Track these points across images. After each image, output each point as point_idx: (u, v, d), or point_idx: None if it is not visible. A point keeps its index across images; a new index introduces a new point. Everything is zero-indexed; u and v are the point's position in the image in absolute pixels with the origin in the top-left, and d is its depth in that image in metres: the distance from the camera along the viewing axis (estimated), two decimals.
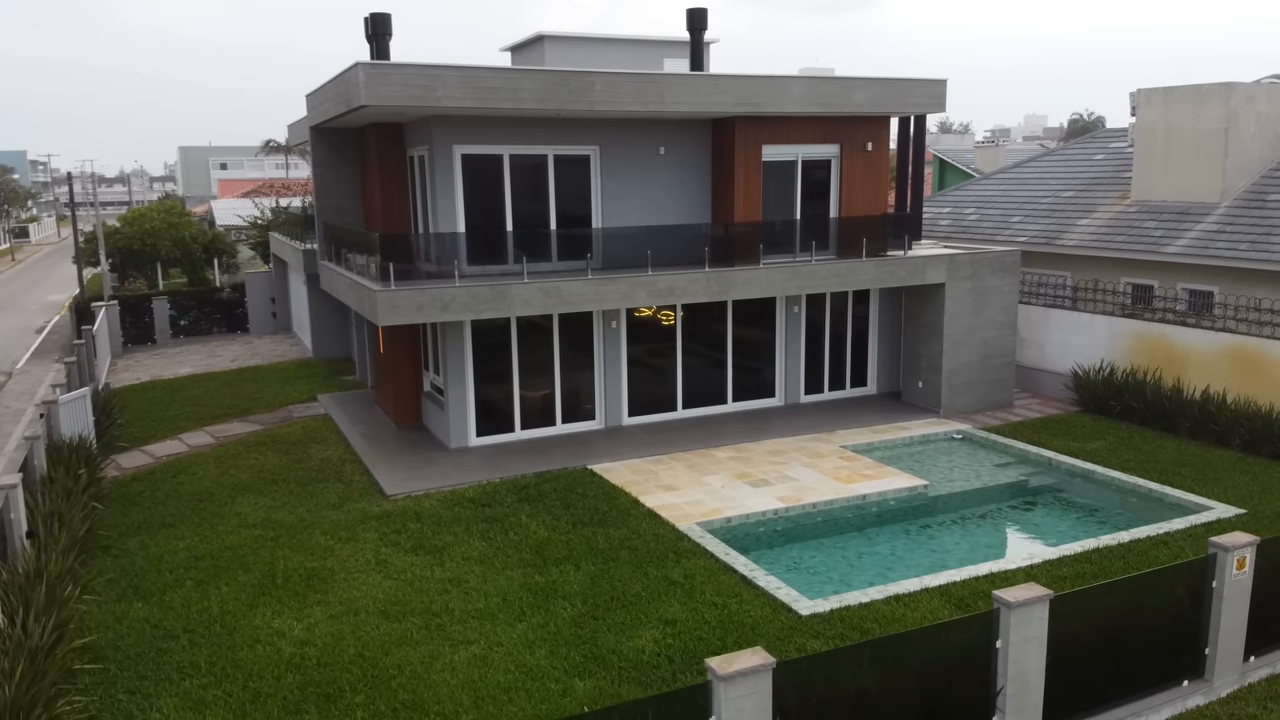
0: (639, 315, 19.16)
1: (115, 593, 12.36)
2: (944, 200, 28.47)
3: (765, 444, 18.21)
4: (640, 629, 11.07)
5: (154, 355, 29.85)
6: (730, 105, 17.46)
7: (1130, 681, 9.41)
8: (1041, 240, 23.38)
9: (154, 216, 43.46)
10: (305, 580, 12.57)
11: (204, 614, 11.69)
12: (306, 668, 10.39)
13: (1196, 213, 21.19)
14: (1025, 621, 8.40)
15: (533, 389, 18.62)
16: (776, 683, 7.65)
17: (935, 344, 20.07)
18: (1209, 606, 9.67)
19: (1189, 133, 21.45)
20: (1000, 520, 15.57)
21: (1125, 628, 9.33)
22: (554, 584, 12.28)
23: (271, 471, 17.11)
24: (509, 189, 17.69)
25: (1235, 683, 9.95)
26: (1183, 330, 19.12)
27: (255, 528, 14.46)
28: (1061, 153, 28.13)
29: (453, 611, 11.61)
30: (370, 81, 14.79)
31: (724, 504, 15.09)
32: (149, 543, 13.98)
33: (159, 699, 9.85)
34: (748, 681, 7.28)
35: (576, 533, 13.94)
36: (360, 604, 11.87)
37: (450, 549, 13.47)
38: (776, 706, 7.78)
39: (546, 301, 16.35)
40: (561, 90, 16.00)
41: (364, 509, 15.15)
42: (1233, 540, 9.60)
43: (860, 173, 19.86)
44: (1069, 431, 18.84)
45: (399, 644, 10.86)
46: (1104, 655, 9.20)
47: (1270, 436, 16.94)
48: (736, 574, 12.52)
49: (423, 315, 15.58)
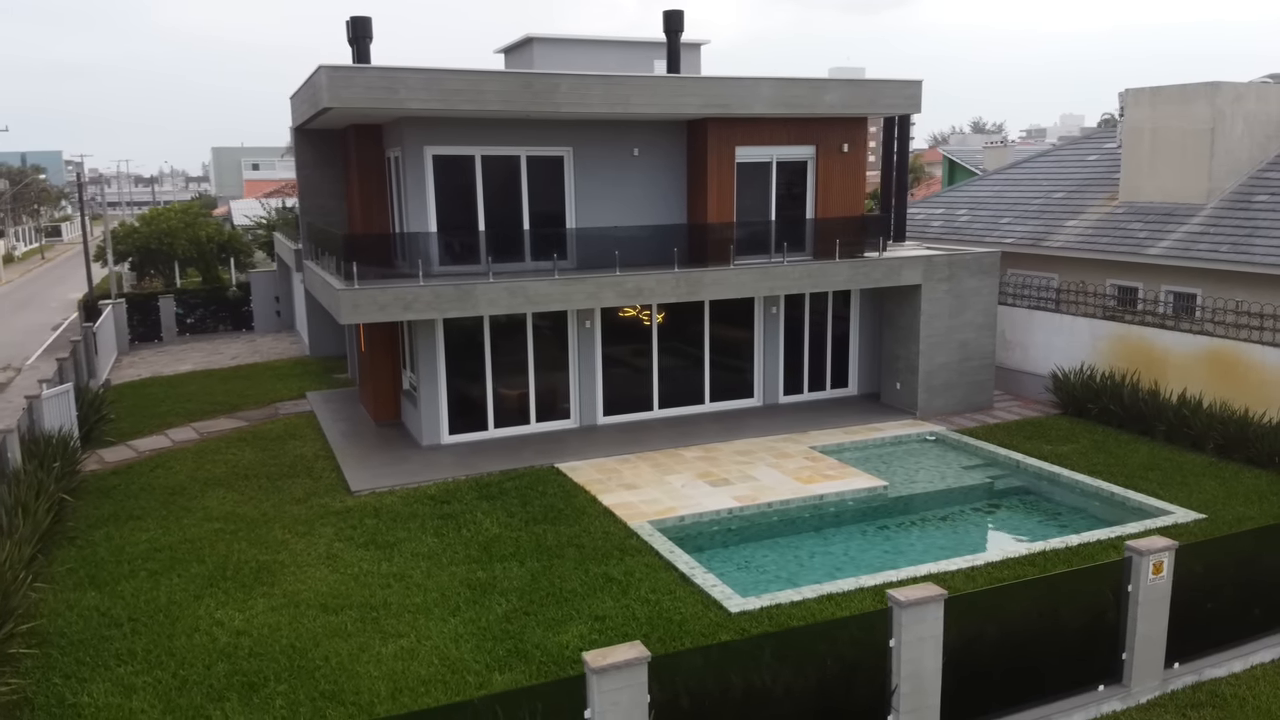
0: (624, 315, 19.29)
1: (72, 581, 12.70)
2: (938, 202, 28.32)
3: (735, 444, 18.27)
4: (570, 625, 11.21)
5: (159, 352, 30.44)
6: (698, 107, 17.54)
7: (1041, 684, 9.39)
8: (1028, 242, 23.21)
9: (171, 216, 44.25)
10: (254, 573, 12.84)
11: (151, 604, 11.99)
12: (237, 657, 10.64)
13: (1182, 214, 20.94)
14: (918, 621, 8.43)
15: (507, 388, 18.82)
16: (665, 677, 7.77)
17: (912, 345, 20.01)
18: (1125, 611, 9.63)
19: (1175, 133, 21.20)
20: (960, 522, 15.53)
21: (1037, 630, 9.31)
22: (494, 580, 12.45)
23: (246, 467, 17.45)
24: (481, 190, 17.90)
25: (1156, 689, 9.88)
26: (1162, 333, 18.92)
27: (218, 521, 14.78)
28: (1056, 153, 27.86)
29: (390, 605, 11.82)
30: (332, 84, 15.06)
31: (680, 503, 15.18)
32: (114, 534, 14.33)
33: (92, 684, 10.14)
34: (621, 675, 7.38)
35: (528, 530, 14.11)
36: (302, 597, 12.11)
37: (401, 544, 13.69)
38: (667, 701, 7.90)
39: (513, 301, 16.53)
40: (526, 92, 16.18)
41: (326, 504, 15.41)
42: (1149, 545, 9.55)
43: (837, 174, 19.86)
44: (1044, 434, 18.71)
45: (331, 636, 11.08)
46: (1012, 656, 9.19)
47: (1243, 441, 16.73)
48: (676, 571, 12.62)
49: (385, 314, 15.82)
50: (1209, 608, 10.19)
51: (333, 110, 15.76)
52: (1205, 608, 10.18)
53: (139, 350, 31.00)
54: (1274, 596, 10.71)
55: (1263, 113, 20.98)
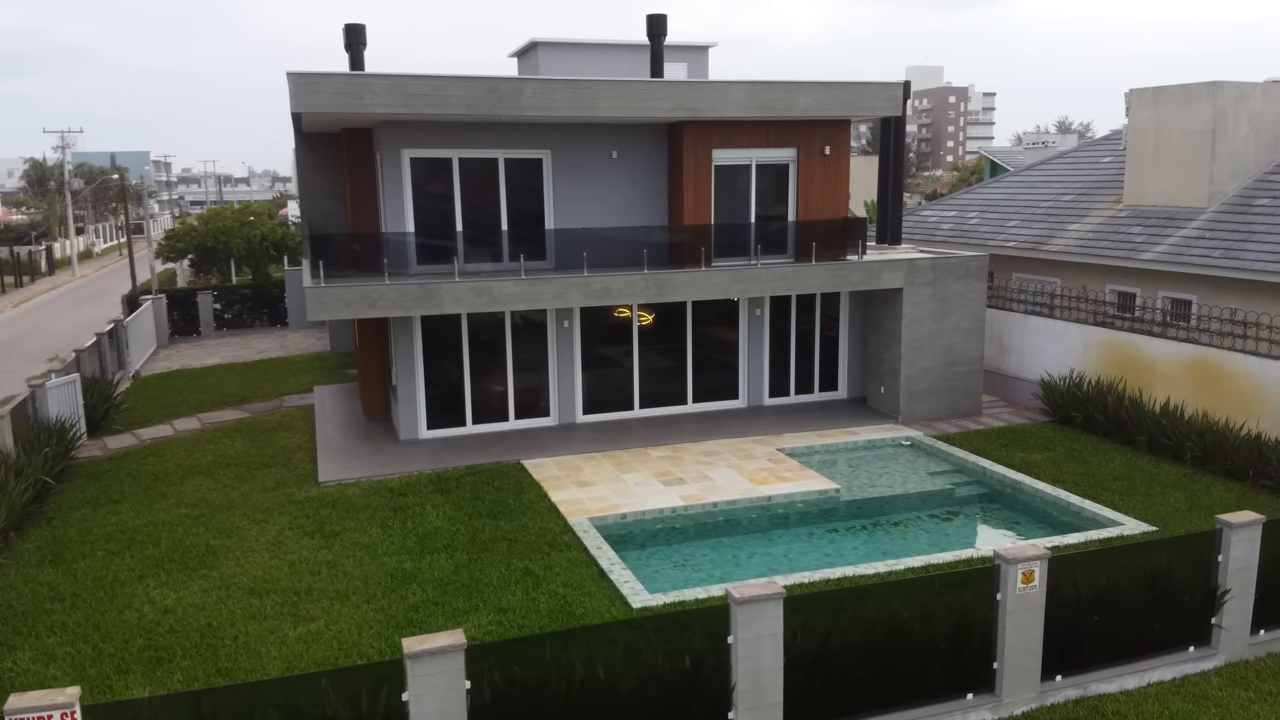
0: (619, 315, 19.55)
1: (36, 558, 13.54)
2: (951, 204, 27.88)
3: (704, 444, 18.40)
4: (473, 615, 11.56)
5: (195, 346, 31.81)
6: (668, 111, 17.72)
7: (903, 690, 9.38)
8: (1028, 245, 22.75)
9: (227, 216, 46.07)
10: (200, 556, 13.50)
11: (99, 582, 12.72)
12: (156, 634, 11.26)
13: (1182, 218, 20.32)
14: (756, 618, 8.53)
15: (485, 385, 19.27)
16: (493, 664, 8.06)
17: (894, 349, 19.86)
18: (995, 619, 9.56)
19: (1177, 134, 20.56)
20: (912, 528, 15.41)
21: (904, 634, 9.31)
22: (418, 570, 12.87)
23: (231, 456, 18.25)
24: (458, 191, 18.38)
25: (1032, 701, 9.77)
26: (1150, 340, 18.42)
27: (186, 507, 15.53)
28: (1073, 155, 27.17)
29: (313, 591, 12.33)
30: (299, 90, 15.69)
31: (626, 501, 15.41)
32: (89, 516, 15.18)
33: (19, 651, 10.86)
34: (436, 661, 7.69)
35: (469, 523, 14.50)
36: (236, 580, 12.71)
37: (345, 534, 14.21)
38: (503, 688, 8.18)
39: (478, 301, 16.96)
40: (490, 96, 16.59)
41: (291, 494, 16.05)
42: (1017, 553, 9.46)
43: (818, 177, 19.80)
44: (1022, 442, 18.40)
45: (249, 618, 11.63)
46: (874, 660, 9.21)
47: (1222, 453, 16.22)
48: (596, 567, 12.87)
49: (351, 311, 16.40)
50: (1096, 620, 10.02)
51: (304, 115, 16.41)
52: (1092, 620, 10.02)
53: (177, 344, 32.44)
54: (1181, 612, 10.46)
55: (1271, 113, 20.22)
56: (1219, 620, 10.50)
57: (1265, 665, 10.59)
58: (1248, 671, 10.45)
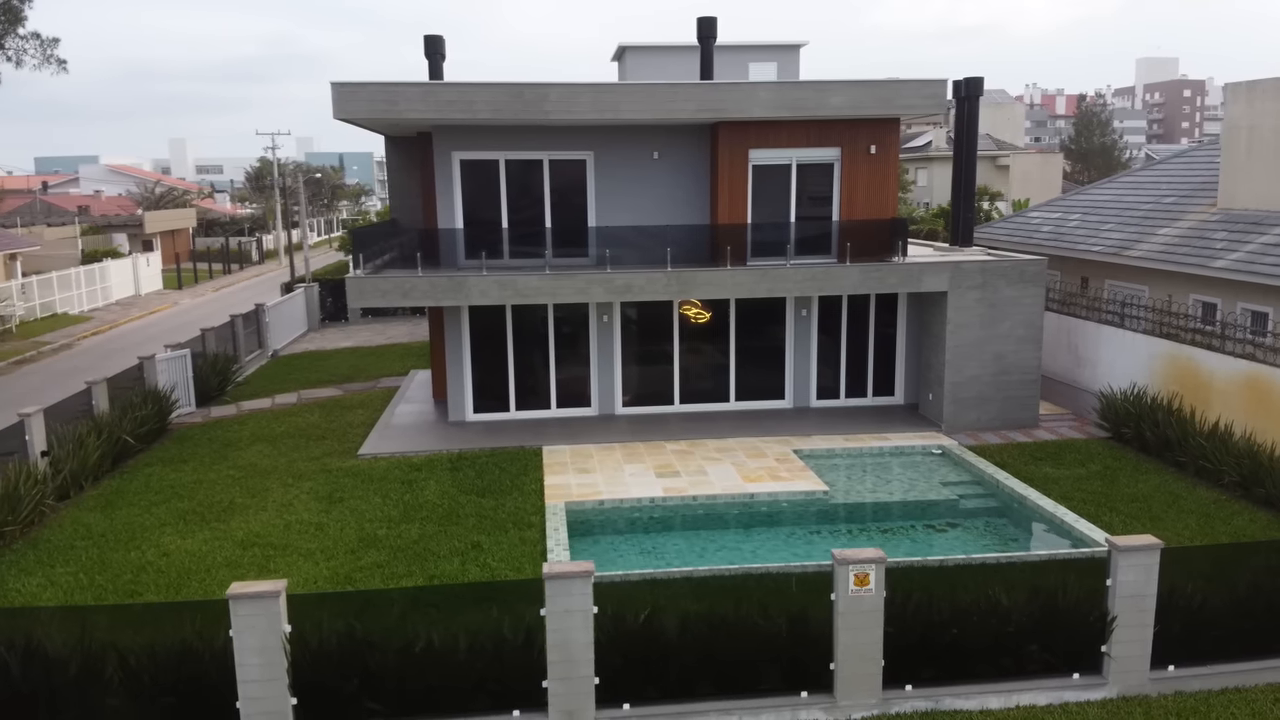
0: (684, 313, 20.17)
1: (91, 504, 15.81)
2: (1058, 205, 26.30)
3: (723, 441, 18.63)
4: (405, 580, 12.60)
5: (340, 330, 34.90)
6: (692, 112, 18.08)
7: (735, 680, 9.57)
8: (1112, 251, 21.30)
9: None
10: (220, 512, 15.32)
11: (128, 527, 14.74)
12: (146, 572, 13.03)
13: (1269, 223, 18.46)
14: (565, 593, 9.04)
15: (529, 374, 20.35)
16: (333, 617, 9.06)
17: (940, 354, 19.28)
18: (833, 620, 9.55)
19: (1270, 132, 18.66)
20: (898, 537, 15.10)
21: (735, 626, 9.51)
22: (386, 538, 14.06)
23: (300, 428, 20.25)
24: (504, 191, 19.53)
25: (874, 708, 9.64)
26: (1207, 354, 16.99)
27: (237, 470, 17.51)
28: (1189, 154, 24.93)
29: (289, 548, 13.78)
30: (340, 98, 17.30)
31: (612, 488, 16.00)
32: (155, 473, 17.45)
33: (31, 576, 12.92)
34: (255, 604, 8.76)
35: (456, 499, 15.58)
36: (235, 533, 14.38)
37: (347, 501, 15.65)
38: (339, 641, 9.15)
39: (502, 294, 18.02)
40: (515, 102, 17.59)
41: (328, 464, 17.73)
42: (852, 555, 9.41)
43: (864, 177, 19.50)
44: (1059, 457, 17.45)
45: (223, 566, 13.20)
46: (702, 648, 9.46)
47: (1258, 479, 14.85)
48: (542, 546, 13.60)
49: (386, 300, 17.88)
50: (954, 633, 9.77)
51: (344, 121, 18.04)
52: (950, 633, 9.77)
53: (326, 328, 35.67)
54: (1070, 637, 9.98)
55: None
56: (1108, 649, 9.93)
57: (1163, 704, 9.87)
58: (1138, 708, 9.82)
